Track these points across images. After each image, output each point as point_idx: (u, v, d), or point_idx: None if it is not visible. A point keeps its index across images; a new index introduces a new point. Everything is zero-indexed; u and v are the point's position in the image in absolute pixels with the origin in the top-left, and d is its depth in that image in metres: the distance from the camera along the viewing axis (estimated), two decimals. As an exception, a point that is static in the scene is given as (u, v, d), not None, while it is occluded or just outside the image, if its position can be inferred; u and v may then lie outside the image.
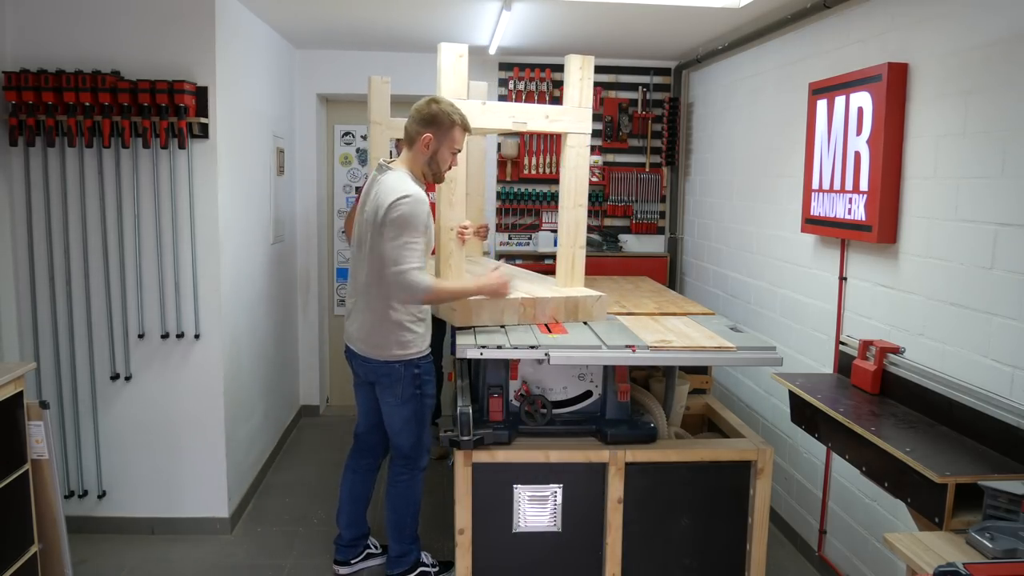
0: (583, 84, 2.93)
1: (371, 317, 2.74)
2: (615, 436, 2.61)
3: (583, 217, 3.02)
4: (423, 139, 2.66)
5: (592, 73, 2.95)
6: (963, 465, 1.91)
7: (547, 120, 2.90)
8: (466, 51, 2.78)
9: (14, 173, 3.26)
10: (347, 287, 2.94)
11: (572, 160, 2.97)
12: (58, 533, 2.72)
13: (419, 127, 2.66)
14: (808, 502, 3.37)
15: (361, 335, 2.79)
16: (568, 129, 2.94)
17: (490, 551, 2.61)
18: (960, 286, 2.37)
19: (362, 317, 2.78)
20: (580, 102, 2.94)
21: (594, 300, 2.85)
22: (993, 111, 2.25)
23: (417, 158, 2.70)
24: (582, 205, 3.01)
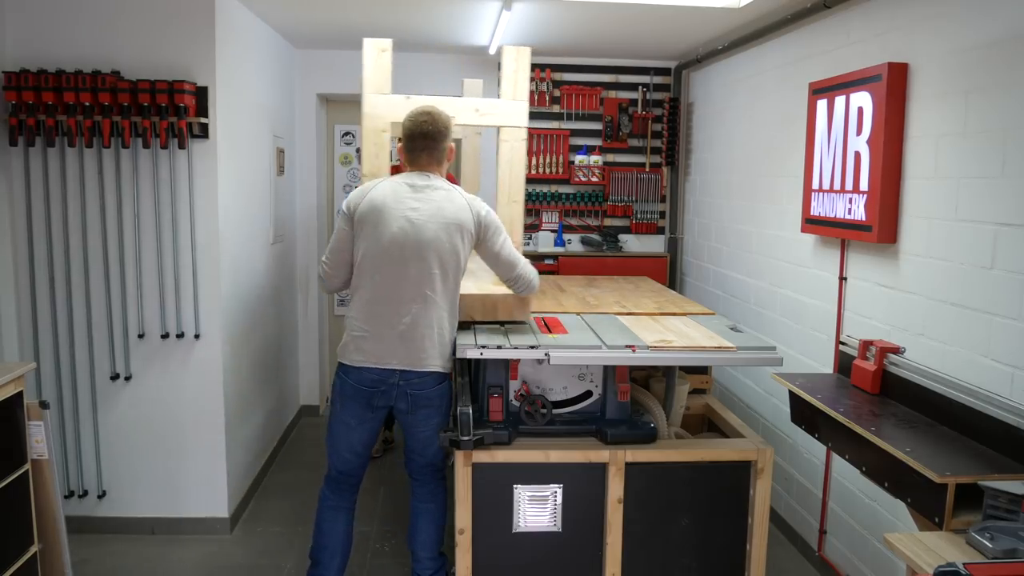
0: (518, 77, 2.86)
1: (436, 328, 2.56)
2: (615, 436, 2.61)
3: (519, 214, 2.91)
4: (450, 150, 2.68)
5: (528, 65, 2.88)
6: (963, 465, 1.91)
7: (477, 114, 2.85)
8: (389, 45, 2.78)
9: (14, 173, 3.26)
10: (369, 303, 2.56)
11: (506, 154, 2.87)
12: (58, 533, 2.72)
13: (443, 140, 2.63)
14: (808, 502, 3.37)
15: (422, 349, 2.55)
16: (501, 122, 2.86)
17: (490, 551, 2.61)
18: (960, 286, 2.37)
19: (417, 326, 2.53)
20: (515, 95, 2.86)
21: (515, 300, 2.74)
22: (993, 111, 2.25)
23: (442, 166, 2.68)
24: (517, 201, 2.90)
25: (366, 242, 2.54)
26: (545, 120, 5.01)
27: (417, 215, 2.52)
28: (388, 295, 2.54)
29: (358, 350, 2.58)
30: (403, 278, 2.52)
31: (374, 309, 2.55)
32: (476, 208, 2.59)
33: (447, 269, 2.54)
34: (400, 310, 2.53)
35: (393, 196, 2.54)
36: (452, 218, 2.53)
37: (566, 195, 5.05)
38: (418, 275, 2.52)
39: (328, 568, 2.76)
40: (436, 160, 2.65)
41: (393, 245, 2.51)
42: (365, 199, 2.56)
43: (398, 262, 2.51)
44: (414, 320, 2.53)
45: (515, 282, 2.65)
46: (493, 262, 2.63)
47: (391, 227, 2.51)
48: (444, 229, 2.52)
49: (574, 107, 4.99)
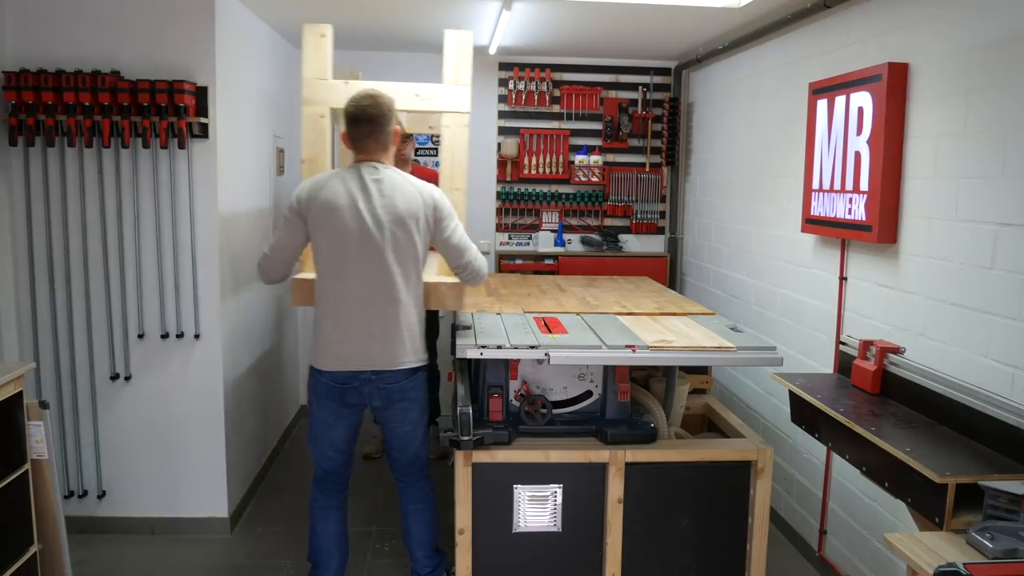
0: (460, 61, 2.80)
1: (404, 324, 2.55)
2: (615, 436, 2.61)
3: (462, 202, 2.84)
4: (395, 135, 2.61)
5: (470, 50, 2.82)
6: (963, 465, 1.91)
7: (417, 99, 2.78)
8: (329, 31, 2.76)
9: (14, 173, 3.26)
10: (332, 305, 2.56)
11: (448, 140, 2.81)
12: (58, 533, 2.72)
13: (387, 125, 2.56)
14: (808, 502, 3.37)
15: (390, 348, 2.54)
16: (443, 108, 2.80)
17: (490, 551, 2.61)
18: (960, 286, 2.37)
19: (390, 329, 2.53)
20: (457, 79, 2.80)
21: (448, 288, 2.70)
22: (993, 111, 2.25)
23: (390, 154, 2.62)
24: (460, 189, 2.83)
25: (323, 244, 2.52)
26: (545, 120, 5.01)
27: (371, 213, 2.48)
28: (352, 298, 2.51)
29: (328, 355, 2.56)
30: (366, 280, 2.50)
31: (340, 313, 2.53)
32: (428, 195, 2.55)
33: (408, 265, 2.53)
34: (366, 313, 2.51)
35: (346, 194, 2.49)
36: (406, 211, 2.50)
37: (566, 195, 5.05)
38: (381, 276, 2.50)
39: (327, 568, 2.76)
40: (382, 145, 2.58)
41: (351, 247, 2.49)
42: (318, 198, 2.50)
43: (359, 265, 2.50)
44: (382, 322, 2.52)
45: (463, 269, 2.61)
46: (443, 247, 2.59)
47: (347, 228, 2.48)
48: (400, 224, 2.49)
49: (574, 107, 4.99)
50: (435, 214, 2.54)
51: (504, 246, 5.10)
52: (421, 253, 2.56)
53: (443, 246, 2.59)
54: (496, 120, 5.01)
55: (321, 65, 2.78)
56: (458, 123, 2.81)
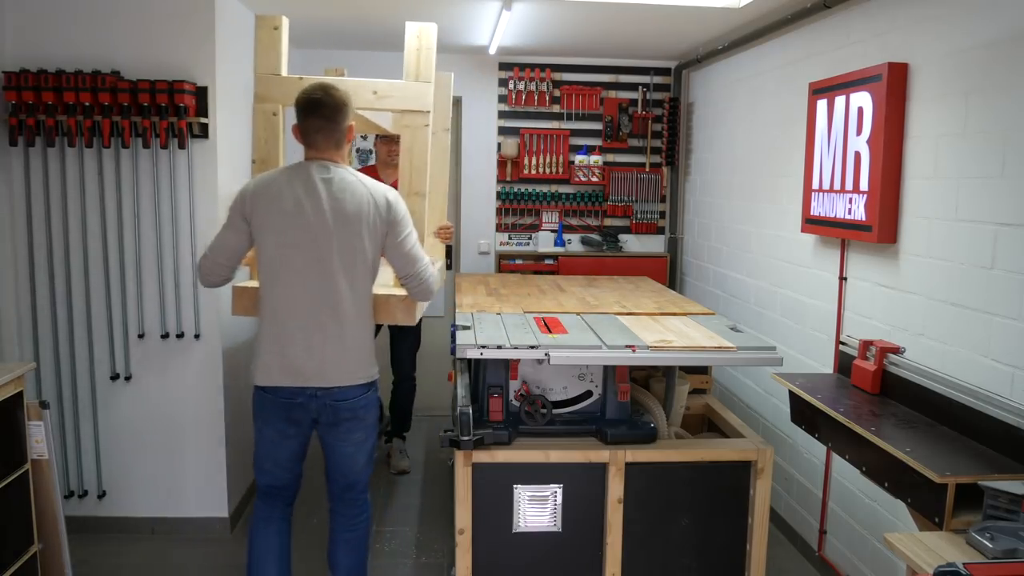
0: (421, 55, 2.59)
1: (349, 337, 2.37)
2: (615, 436, 2.61)
3: (422, 209, 2.62)
4: (348, 131, 2.42)
5: (433, 43, 2.62)
6: (963, 465, 1.91)
7: (374, 97, 2.56)
8: (283, 23, 2.61)
9: (14, 173, 3.26)
10: (273, 315, 2.37)
11: (407, 141, 2.59)
12: (58, 533, 2.72)
13: (338, 121, 2.37)
14: (808, 502, 3.37)
15: (334, 362, 2.36)
16: (402, 106, 2.60)
17: (490, 551, 2.61)
18: (960, 286, 2.37)
19: (333, 342, 2.35)
20: (418, 75, 2.59)
21: (399, 301, 2.51)
22: (993, 111, 2.25)
23: (342, 152, 2.44)
24: (420, 194, 2.61)
25: (265, 248, 2.34)
26: (545, 120, 5.01)
27: (318, 216, 2.30)
28: (294, 309, 2.33)
29: (268, 370, 2.37)
30: (309, 288, 2.32)
31: (281, 325, 2.34)
32: (380, 197, 2.36)
33: (357, 273, 2.35)
34: (308, 325, 2.33)
35: (292, 194, 2.32)
36: (356, 214, 2.32)
37: (566, 195, 5.05)
38: (325, 284, 2.32)
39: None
40: (334, 142, 2.40)
41: (294, 252, 2.31)
42: (262, 197, 2.33)
43: (301, 271, 2.31)
44: (325, 335, 2.34)
45: (410, 280, 2.41)
46: (391, 254, 2.40)
47: (290, 231, 2.30)
48: (349, 229, 2.31)
49: (574, 107, 4.99)
50: (388, 216, 2.35)
51: (504, 246, 5.09)
52: (371, 261, 2.38)
53: (392, 253, 2.39)
54: (496, 120, 5.01)
55: (274, 60, 2.59)
56: (418, 123, 2.60)
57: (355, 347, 2.38)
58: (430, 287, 2.43)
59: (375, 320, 2.49)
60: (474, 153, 5.03)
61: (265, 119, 2.60)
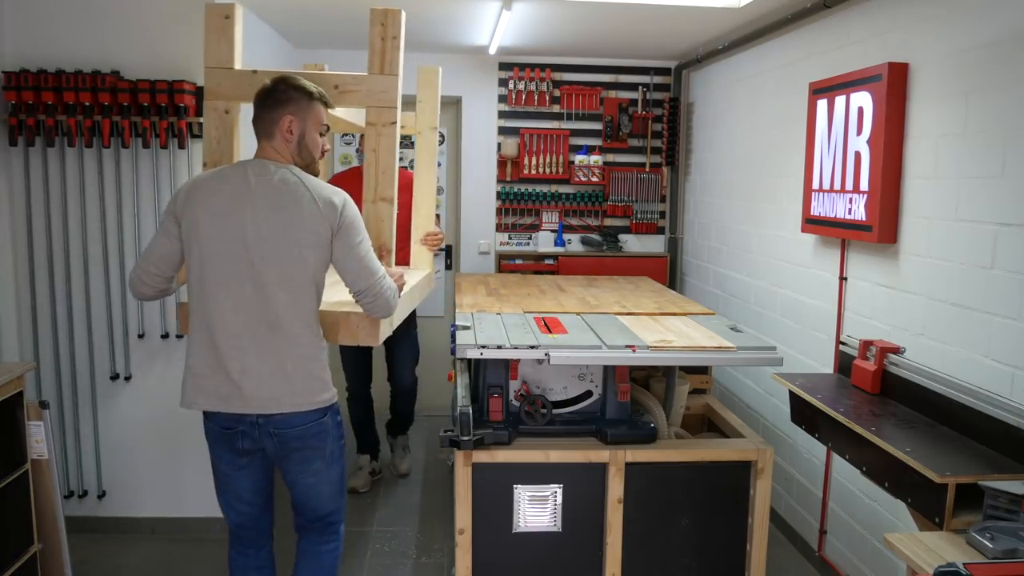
0: (387, 45, 2.31)
1: (291, 357, 2.07)
2: (615, 436, 2.61)
3: (389, 215, 2.29)
4: (284, 124, 2.10)
5: (401, 31, 2.33)
6: (963, 465, 1.91)
7: (336, 92, 2.30)
8: (235, 12, 2.34)
9: (14, 173, 3.26)
10: (203, 332, 2.09)
11: (371, 141, 2.30)
12: (58, 533, 2.72)
13: (273, 111, 2.10)
14: (808, 502, 3.37)
15: (273, 387, 2.06)
16: (364, 102, 2.31)
17: (490, 551, 2.61)
18: (960, 286, 2.37)
19: (272, 364, 2.06)
20: (383, 67, 2.30)
21: (360, 318, 2.18)
22: (993, 111, 2.25)
23: (283, 148, 2.13)
24: (387, 199, 2.28)
25: (193, 256, 2.07)
26: (545, 120, 5.01)
27: (252, 221, 2.03)
28: (226, 324, 2.05)
29: (199, 392, 2.11)
30: (241, 302, 2.05)
31: (212, 342, 2.07)
32: (326, 200, 2.06)
33: (298, 285, 2.06)
34: (242, 344, 2.05)
35: (224, 195, 2.05)
36: (295, 220, 2.03)
37: (566, 195, 5.05)
38: (259, 298, 2.04)
39: None
40: (265, 133, 2.12)
41: (223, 261, 2.04)
42: (193, 197, 2.07)
43: (232, 283, 2.04)
44: (262, 356, 2.06)
45: (363, 295, 2.08)
46: (340, 266, 2.09)
47: (220, 237, 2.04)
48: (287, 235, 2.03)
49: (574, 107, 4.99)
50: (334, 222, 2.05)
51: (504, 246, 5.10)
52: (315, 272, 2.08)
53: (341, 264, 2.08)
54: (496, 120, 5.00)
55: (226, 51, 2.31)
56: (384, 120, 2.30)
57: (299, 369, 2.08)
58: (387, 302, 2.10)
59: (333, 340, 2.20)
60: (474, 153, 5.03)
61: (217, 117, 2.32)
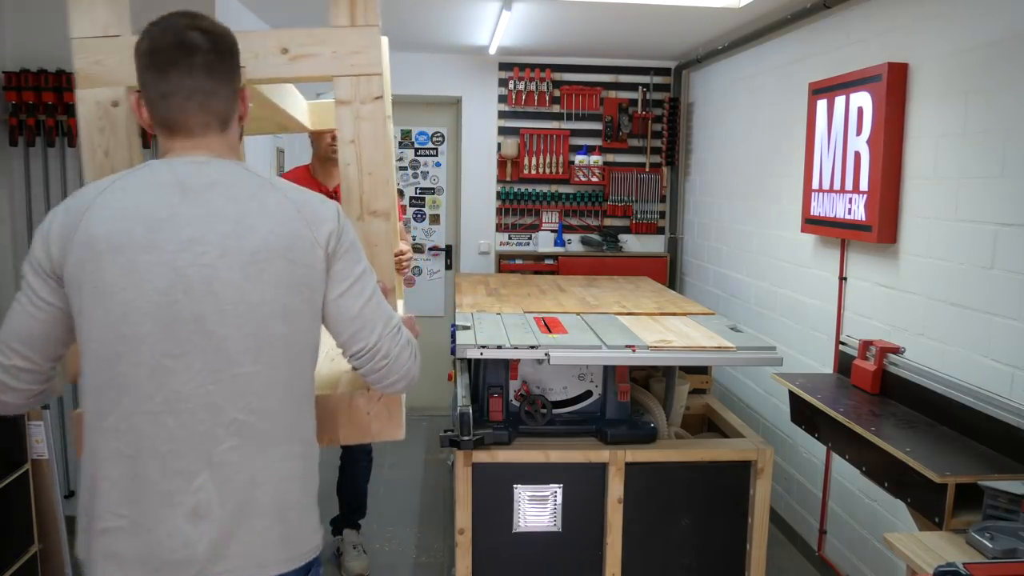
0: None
1: (271, 478, 1.27)
2: (615, 436, 2.61)
3: (385, 238, 1.56)
4: (246, 98, 1.38)
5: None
6: (963, 465, 1.91)
7: (285, 57, 1.49)
8: None
9: (14, 173, 3.26)
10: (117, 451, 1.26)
11: (349, 128, 1.51)
12: (58, 533, 2.72)
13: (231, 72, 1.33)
14: (808, 502, 3.37)
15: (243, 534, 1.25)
16: (335, 70, 1.50)
17: (490, 551, 2.61)
18: (960, 286, 2.37)
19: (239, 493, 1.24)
20: (355, 17, 1.53)
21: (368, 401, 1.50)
22: (993, 111, 2.25)
23: (232, 140, 1.35)
24: (380, 214, 1.55)
25: (96, 328, 1.22)
26: (545, 120, 5.01)
27: (195, 252, 1.21)
28: (158, 437, 1.22)
29: (110, 559, 1.27)
30: (187, 396, 1.22)
31: (133, 470, 1.23)
32: (311, 212, 1.29)
33: (276, 357, 1.26)
34: (189, 468, 1.22)
35: (140, 218, 1.21)
36: (267, 248, 1.24)
37: (566, 195, 5.05)
38: (217, 385, 1.22)
39: None
40: (214, 115, 1.29)
41: (152, 329, 1.20)
42: (79, 233, 1.22)
43: (169, 364, 1.21)
44: (223, 484, 1.23)
45: (371, 357, 1.34)
46: (336, 311, 1.32)
47: (142, 291, 1.20)
48: (257, 271, 1.23)
49: (574, 107, 4.99)
50: (330, 246, 1.29)
51: (504, 246, 5.10)
52: (307, 326, 1.30)
53: (337, 308, 1.31)
54: (496, 120, 5.01)
55: (101, 14, 1.50)
56: (364, 94, 1.50)
57: (283, 497, 1.28)
58: (407, 365, 1.37)
59: (329, 440, 1.49)
60: (474, 153, 5.03)
61: (100, 115, 1.53)
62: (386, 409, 1.51)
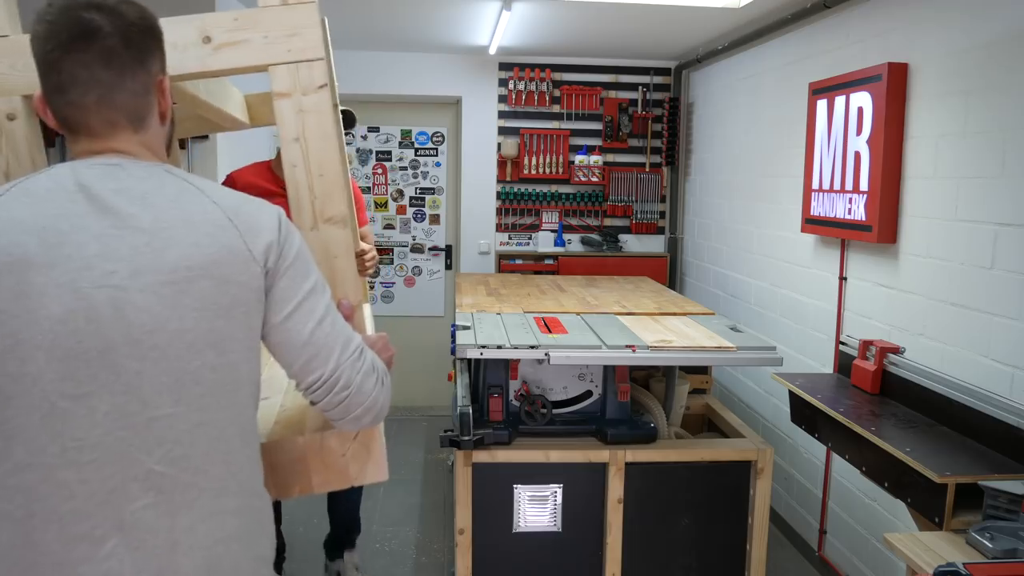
0: None
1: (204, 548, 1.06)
2: (615, 436, 2.61)
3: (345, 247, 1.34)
4: (162, 86, 1.17)
5: None
6: (963, 465, 1.91)
7: (209, 48, 1.29)
8: None
9: (14, 173, 3.25)
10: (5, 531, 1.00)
11: (292, 125, 1.31)
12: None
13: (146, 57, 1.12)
14: (808, 502, 3.37)
15: None
16: (264, 58, 1.29)
17: (490, 551, 2.61)
18: (960, 286, 2.38)
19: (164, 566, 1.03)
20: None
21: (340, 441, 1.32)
22: (992, 111, 2.25)
23: (154, 138, 1.16)
24: (336, 220, 1.33)
25: None
26: (545, 120, 5.01)
27: (101, 271, 1.01)
28: (52, 493, 1.00)
29: None
30: (87, 440, 1.00)
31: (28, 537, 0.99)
32: (247, 219, 1.10)
33: (201, 390, 1.05)
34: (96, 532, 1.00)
35: (37, 229, 1.01)
36: (191, 259, 1.04)
37: (566, 195, 5.05)
38: (124, 424, 1.01)
39: None
40: (124, 114, 1.10)
41: (48, 358, 0.99)
42: None
43: (66, 400, 0.99)
44: (138, 552, 1.02)
45: (329, 389, 1.14)
46: (282, 337, 1.13)
47: (35, 314, 0.99)
48: (176, 292, 1.03)
49: (574, 107, 4.99)
50: (275, 253, 1.11)
51: (504, 246, 5.10)
52: (243, 357, 1.10)
53: (282, 333, 1.13)
54: (496, 120, 5.00)
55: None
56: (306, 83, 1.30)
57: (215, 563, 1.07)
58: (376, 396, 1.18)
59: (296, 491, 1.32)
60: (474, 153, 5.03)
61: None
62: (364, 448, 1.30)
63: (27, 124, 1.32)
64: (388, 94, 4.95)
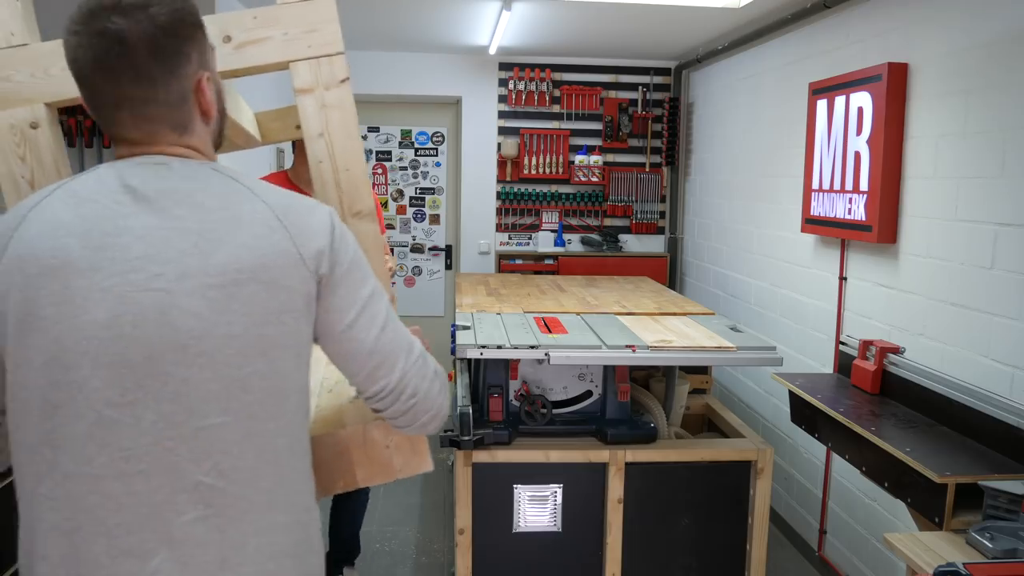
0: None
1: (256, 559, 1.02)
2: (615, 436, 2.61)
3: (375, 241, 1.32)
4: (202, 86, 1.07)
5: None
6: (963, 465, 1.91)
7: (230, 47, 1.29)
8: None
9: None
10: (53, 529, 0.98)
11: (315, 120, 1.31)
12: None
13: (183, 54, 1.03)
14: (808, 502, 3.37)
15: None
16: (286, 54, 1.31)
17: (490, 551, 2.61)
18: (960, 286, 2.38)
19: None
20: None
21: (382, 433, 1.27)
22: (992, 111, 2.25)
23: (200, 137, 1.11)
24: (363, 214, 1.32)
25: (20, 366, 0.98)
26: (545, 120, 5.01)
27: (147, 274, 0.97)
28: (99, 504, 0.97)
29: None
30: (134, 451, 0.97)
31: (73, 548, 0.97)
32: (297, 221, 1.05)
33: (251, 399, 1.01)
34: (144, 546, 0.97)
35: (81, 231, 0.98)
36: (240, 262, 1.00)
37: (566, 195, 5.05)
38: (177, 440, 0.97)
39: None
40: (163, 124, 1.05)
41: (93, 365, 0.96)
42: (8, 252, 0.99)
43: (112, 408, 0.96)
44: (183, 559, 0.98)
45: (394, 399, 1.12)
46: (345, 352, 1.10)
47: (79, 319, 0.96)
48: (225, 297, 0.99)
49: (574, 107, 4.99)
50: (322, 259, 1.06)
51: (504, 246, 5.10)
52: (293, 365, 1.05)
53: (345, 345, 1.09)
54: (496, 120, 5.01)
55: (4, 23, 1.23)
56: (327, 78, 1.30)
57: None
58: (441, 403, 1.16)
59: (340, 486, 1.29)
60: (474, 153, 5.03)
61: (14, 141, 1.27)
62: (407, 440, 1.29)
63: (50, 132, 1.30)
64: (388, 94, 4.95)
